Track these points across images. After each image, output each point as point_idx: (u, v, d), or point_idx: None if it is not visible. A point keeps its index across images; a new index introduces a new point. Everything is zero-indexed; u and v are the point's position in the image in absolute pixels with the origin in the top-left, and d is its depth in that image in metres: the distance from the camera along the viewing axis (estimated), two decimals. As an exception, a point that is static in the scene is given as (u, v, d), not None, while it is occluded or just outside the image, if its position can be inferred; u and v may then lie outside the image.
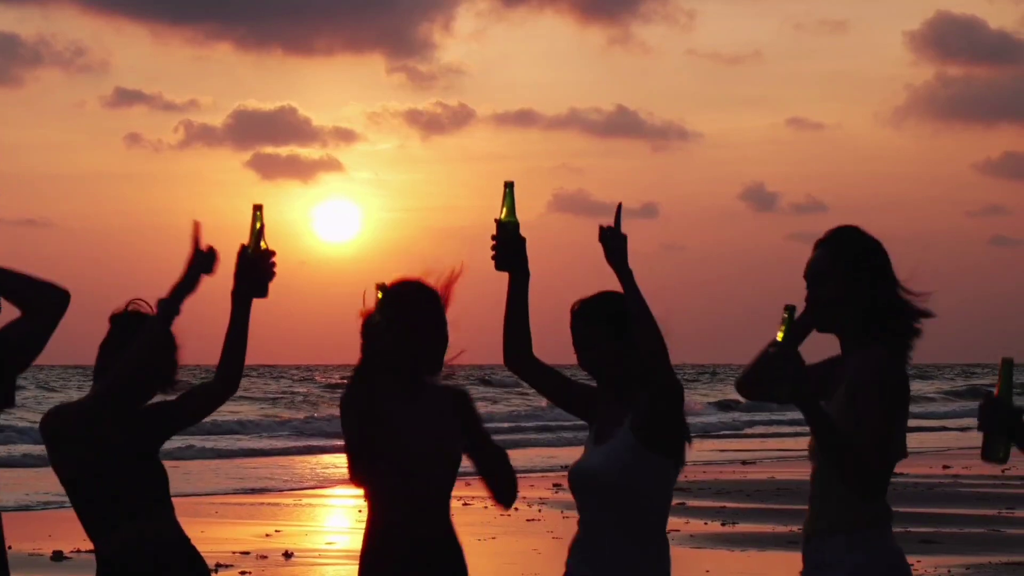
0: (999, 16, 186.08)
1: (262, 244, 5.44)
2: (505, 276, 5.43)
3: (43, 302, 5.03)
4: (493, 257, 5.40)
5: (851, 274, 4.89)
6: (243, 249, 5.40)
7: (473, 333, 5.48)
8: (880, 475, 4.76)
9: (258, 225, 5.41)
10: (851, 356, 4.89)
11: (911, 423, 5.01)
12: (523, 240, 5.40)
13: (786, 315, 4.76)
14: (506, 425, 42.23)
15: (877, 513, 4.86)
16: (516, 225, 5.41)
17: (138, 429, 5.43)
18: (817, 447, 4.82)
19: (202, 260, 5.38)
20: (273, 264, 5.44)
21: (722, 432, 42.78)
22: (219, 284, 5.45)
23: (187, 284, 5.36)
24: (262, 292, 5.48)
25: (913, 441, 6.67)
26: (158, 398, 5.56)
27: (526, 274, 5.42)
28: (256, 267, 5.42)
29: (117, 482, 5.40)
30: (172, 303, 5.35)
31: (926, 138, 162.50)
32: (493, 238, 5.38)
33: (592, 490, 5.21)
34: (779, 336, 4.76)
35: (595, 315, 5.27)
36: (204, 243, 5.39)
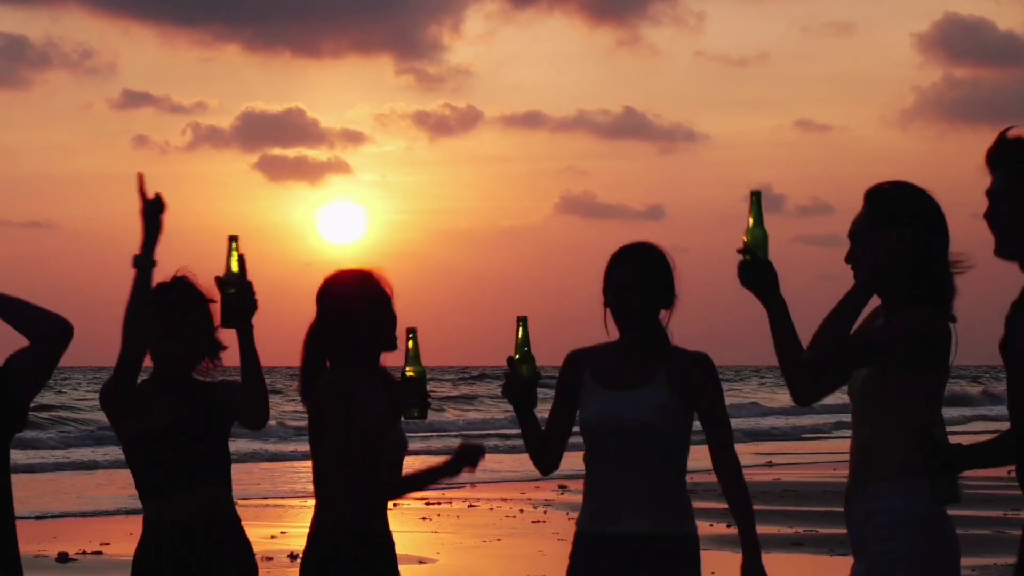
0: (1007, 18, 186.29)
1: (242, 274, 5.34)
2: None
3: (44, 329, 5.20)
4: (503, 392, 5.33)
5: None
6: (216, 280, 5.37)
7: (479, 333, 5.49)
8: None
9: (235, 256, 5.33)
10: (892, 312, 4.80)
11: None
12: (533, 379, 5.30)
13: (753, 200, 4.82)
14: (511, 432, 42.19)
15: (921, 461, 4.76)
16: (526, 364, 5.28)
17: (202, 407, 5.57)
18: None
19: (152, 207, 5.49)
20: (252, 295, 5.36)
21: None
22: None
23: (152, 233, 5.49)
24: (239, 323, 5.37)
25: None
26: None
27: (532, 409, 5.34)
28: (233, 298, 5.36)
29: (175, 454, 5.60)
30: (146, 257, 5.47)
31: (932, 140, 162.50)
32: (505, 375, 5.31)
33: (627, 436, 5.23)
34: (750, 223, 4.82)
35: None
36: (150, 192, 5.51)
